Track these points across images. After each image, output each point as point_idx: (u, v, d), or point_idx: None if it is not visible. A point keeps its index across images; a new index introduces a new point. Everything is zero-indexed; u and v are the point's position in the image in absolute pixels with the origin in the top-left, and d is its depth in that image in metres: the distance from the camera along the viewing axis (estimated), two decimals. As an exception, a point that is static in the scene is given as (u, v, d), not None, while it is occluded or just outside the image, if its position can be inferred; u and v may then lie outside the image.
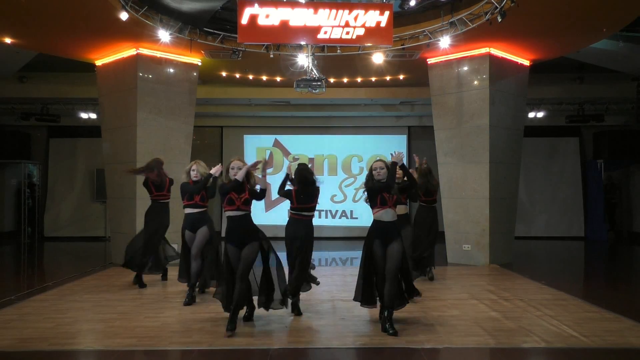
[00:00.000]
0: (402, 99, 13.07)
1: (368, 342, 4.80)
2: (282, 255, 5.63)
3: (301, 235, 5.67)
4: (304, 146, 14.64)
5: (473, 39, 8.78)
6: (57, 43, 9.08)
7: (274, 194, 14.27)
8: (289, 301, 5.68)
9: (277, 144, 14.71)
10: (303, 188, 5.72)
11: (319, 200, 5.91)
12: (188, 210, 6.50)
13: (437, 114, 10.03)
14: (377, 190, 5.16)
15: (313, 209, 5.83)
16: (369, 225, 5.25)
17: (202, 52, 9.38)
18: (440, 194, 9.94)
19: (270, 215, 14.13)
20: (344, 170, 14.68)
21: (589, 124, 13.80)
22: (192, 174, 6.48)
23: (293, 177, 5.81)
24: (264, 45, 8.84)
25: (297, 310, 5.81)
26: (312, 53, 8.71)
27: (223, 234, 7.99)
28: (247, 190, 5.26)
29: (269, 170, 14.57)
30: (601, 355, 4.52)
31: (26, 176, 14.07)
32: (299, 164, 5.88)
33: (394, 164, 5.17)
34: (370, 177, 5.27)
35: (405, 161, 6.17)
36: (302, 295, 6.82)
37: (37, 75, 12.49)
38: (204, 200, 6.49)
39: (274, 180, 14.49)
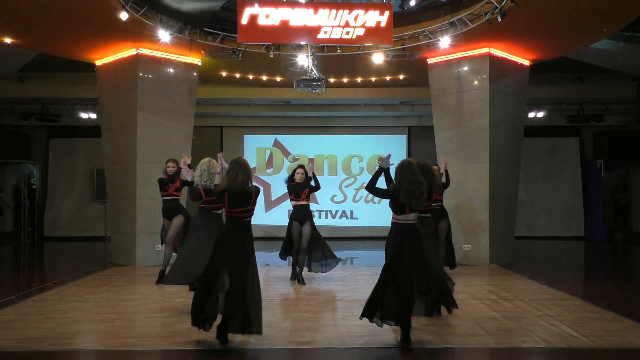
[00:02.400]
0: (402, 99, 13.07)
1: (368, 342, 4.80)
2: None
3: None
4: (304, 146, 14.63)
5: (473, 39, 8.78)
6: (57, 43, 9.08)
7: (273, 194, 14.43)
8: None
9: (277, 144, 14.71)
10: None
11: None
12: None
13: (437, 114, 10.03)
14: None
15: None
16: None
17: (202, 52, 9.38)
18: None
19: (270, 215, 14.17)
20: (344, 170, 14.66)
21: (589, 124, 13.78)
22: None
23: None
24: (264, 45, 8.84)
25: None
26: (312, 53, 8.71)
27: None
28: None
29: (268, 170, 14.66)
30: (601, 355, 4.53)
31: (26, 176, 14.06)
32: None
33: (380, 169, 4.95)
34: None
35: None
36: (302, 295, 6.84)
37: (37, 75, 12.48)
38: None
39: (273, 180, 14.62)
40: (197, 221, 6.15)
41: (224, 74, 11.22)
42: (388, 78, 11.55)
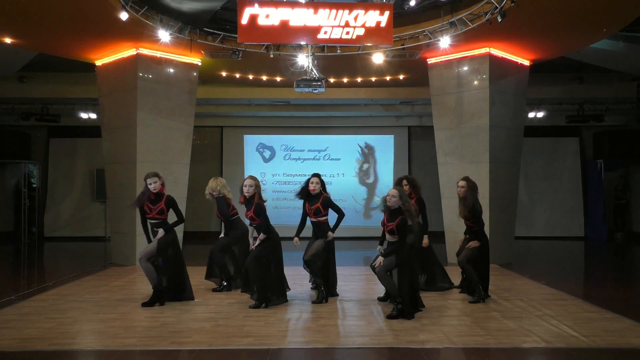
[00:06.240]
0: (402, 99, 13.08)
1: (368, 342, 4.80)
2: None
3: None
4: (304, 146, 14.66)
5: (473, 39, 8.78)
6: (57, 43, 9.08)
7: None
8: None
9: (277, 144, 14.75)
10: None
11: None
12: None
13: (437, 114, 10.03)
14: None
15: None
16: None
17: (202, 52, 9.38)
18: (440, 194, 9.98)
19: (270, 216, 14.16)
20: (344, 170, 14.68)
21: (589, 124, 13.79)
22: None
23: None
24: (264, 45, 8.84)
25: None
26: (312, 53, 8.71)
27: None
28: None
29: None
30: (601, 355, 4.53)
31: (26, 176, 14.07)
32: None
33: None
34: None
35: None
36: (302, 295, 6.84)
37: (37, 75, 12.48)
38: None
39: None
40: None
41: (224, 74, 11.22)
42: (388, 78, 11.55)
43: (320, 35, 7.74)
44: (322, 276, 6.49)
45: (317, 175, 6.59)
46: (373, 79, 11.62)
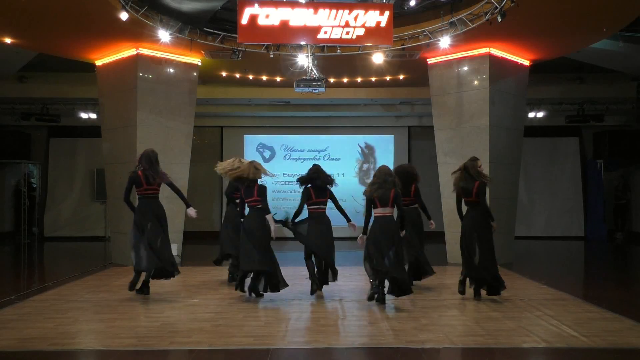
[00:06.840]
0: (402, 99, 13.08)
1: (368, 342, 4.80)
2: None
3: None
4: (304, 146, 14.66)
5: (473, 39, 8.78)
6: (57, 43, 9.08)
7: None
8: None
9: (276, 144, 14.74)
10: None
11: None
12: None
13: (437, 114, 10.03)
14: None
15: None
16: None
17: (202, 52, 9.38)
18: (440, 194, 9.98)
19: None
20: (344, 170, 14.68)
21: (589, 124, 13.78)
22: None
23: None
24: (264, 45, 8.84)
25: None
26: (312, 53, 8.71)
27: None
28: None
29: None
30: (601, 355, 4.52)
31: (26, 176, 14.07)
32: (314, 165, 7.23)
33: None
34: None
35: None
36: (302, 295, 6.83)
37: (37, 75, 12.48)
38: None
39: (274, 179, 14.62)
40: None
41: (224, 74, 11.22)
42: (388, 78, 11.55)
43: (320, 35, 7.75)
44: (310, 266, 6.75)
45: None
46: (373, 79, 11.62)
